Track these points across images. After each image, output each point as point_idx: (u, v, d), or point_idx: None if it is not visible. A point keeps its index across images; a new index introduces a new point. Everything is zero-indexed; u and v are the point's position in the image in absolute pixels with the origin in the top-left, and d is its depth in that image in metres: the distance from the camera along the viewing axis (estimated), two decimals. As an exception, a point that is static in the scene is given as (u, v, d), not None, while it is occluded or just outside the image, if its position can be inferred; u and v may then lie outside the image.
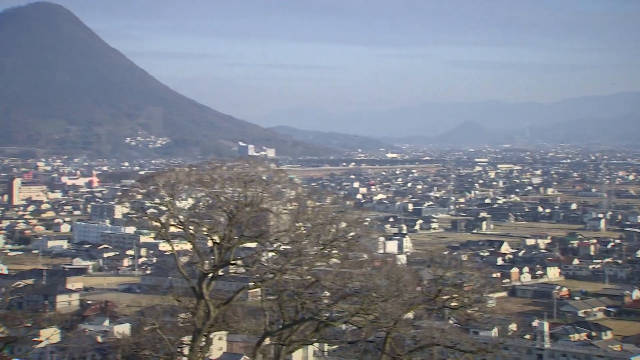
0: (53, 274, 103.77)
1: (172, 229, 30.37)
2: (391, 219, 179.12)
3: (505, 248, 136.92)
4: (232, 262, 29.71)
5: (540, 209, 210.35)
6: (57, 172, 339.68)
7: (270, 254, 30.46)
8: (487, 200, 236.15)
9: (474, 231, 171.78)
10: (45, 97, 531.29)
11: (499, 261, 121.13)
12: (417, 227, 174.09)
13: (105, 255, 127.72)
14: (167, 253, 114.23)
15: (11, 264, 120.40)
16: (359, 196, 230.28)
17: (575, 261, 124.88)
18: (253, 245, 31.22)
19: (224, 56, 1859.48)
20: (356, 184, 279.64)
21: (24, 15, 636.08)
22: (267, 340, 29.14)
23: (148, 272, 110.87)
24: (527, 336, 67.51)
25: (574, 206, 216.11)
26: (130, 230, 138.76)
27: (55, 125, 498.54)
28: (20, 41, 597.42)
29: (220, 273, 29.75)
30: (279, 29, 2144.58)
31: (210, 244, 30.38)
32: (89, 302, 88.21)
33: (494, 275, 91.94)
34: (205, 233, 30.13)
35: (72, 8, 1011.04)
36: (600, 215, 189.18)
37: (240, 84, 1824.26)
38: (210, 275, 28.77)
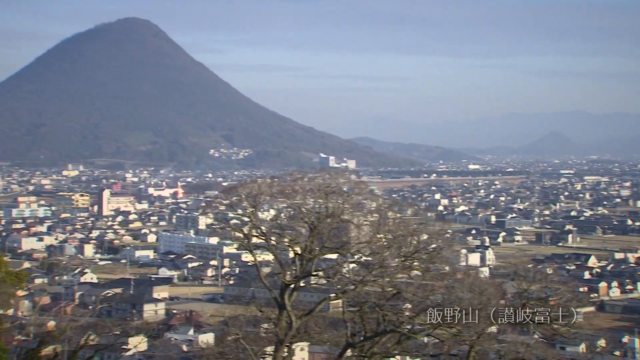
0: (140, 283, 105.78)
1: (255, 240, 30.70)
2: (473, 231, 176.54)
3: (592, 262, 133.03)
4: (314, 273, 29.82)
5: (629, 221, 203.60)
6: (144, 183, 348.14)
7: (351, 266, 30.43)
8: (573, 213, 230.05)
9: (560, 244, 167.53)
10: (133, 110, 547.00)
11: (586, 275, 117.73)
12: (500, 240, 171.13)
13: (190, 265, 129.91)
14: (249, 264, 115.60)
15: (101, 273, 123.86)
16: (440, 208, 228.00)
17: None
18: (334, 256, 31.26)
19: (305, 68, 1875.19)
20: (437, 196, 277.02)
21: (114, 31, 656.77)
22: (348, 352, 29.09)
23: (231, 282, 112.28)
24: (617, 353, 65.39)
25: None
26: (214, 240, 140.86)
27: (142, 138, 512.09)
28: (109, 56, 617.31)
29: (301, 284, 29.91)
30: (359, 40, 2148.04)
31: (291, 255, 30.59)
32: (175, 311, 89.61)
33: (581, 289, 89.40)
34: (287, 244, 30.34)
35: (159, 23, 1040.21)
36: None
37: (321, 95, 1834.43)
38: (292, 286, 28.94)
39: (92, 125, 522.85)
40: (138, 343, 55.39)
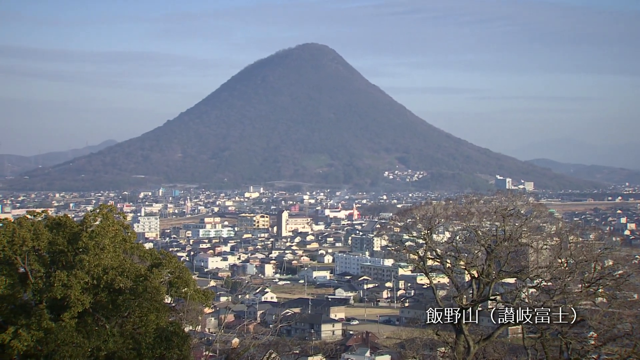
0: (317, 303, 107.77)
1: (430, 262, 30.65)
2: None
3: None
4: (491, 297, 29.29)
5: None
6: (321, 205, 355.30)
7: (531, 291, 29.63)
8: None
9: None
10: (310, 133, 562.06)
11: None
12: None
13: (365, 286, 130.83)
14: (424, 286, 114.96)
15: (280, 292, 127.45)
16: (627, 232, 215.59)
17: None
18: (512, 280, 30.56)
19: (480, 90, 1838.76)
20: (624, 220, 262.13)
21: (294, 56, 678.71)
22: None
23: (406, 304, 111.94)
24: None
25: None
26: (389, 262, 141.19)
27: (319, 160, 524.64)
28: (289, 81, 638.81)
29: (479, 308, 29.46)
30: (537, 60, 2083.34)
31: (468, 278, 30.22)
32: (351, 332, 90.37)
33: None
34: (463, 267, 30.06)
35: (336, 47, 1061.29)
36: None
37: (497, 117, 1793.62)
38: (469, 310, 28.55)
39: (272, 148, 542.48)
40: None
